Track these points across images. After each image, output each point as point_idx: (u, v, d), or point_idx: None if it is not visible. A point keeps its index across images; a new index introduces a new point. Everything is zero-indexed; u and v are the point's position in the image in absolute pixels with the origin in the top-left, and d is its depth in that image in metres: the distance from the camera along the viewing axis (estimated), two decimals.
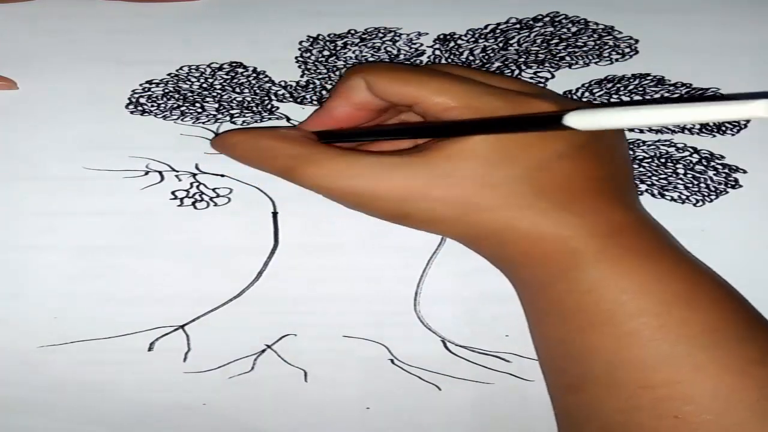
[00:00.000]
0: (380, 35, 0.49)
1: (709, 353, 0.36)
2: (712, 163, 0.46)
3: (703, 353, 0.36)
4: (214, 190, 0.46)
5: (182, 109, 0.47)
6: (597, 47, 0.49)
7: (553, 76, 0.48)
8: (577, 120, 0.31)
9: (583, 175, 0.38)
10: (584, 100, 0.47)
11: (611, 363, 0.37)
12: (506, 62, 0.48)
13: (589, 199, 0.38)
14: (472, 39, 0.49)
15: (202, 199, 0.46)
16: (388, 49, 0.49)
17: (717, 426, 0.36)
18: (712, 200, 0.45)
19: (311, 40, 0.49)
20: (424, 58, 0.49)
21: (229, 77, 0.48)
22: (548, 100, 0.38)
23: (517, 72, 0.48)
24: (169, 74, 0.48)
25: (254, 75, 0.48)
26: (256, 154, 0.41)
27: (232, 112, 0.47)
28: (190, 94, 0.48)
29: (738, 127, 0.46)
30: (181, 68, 0.48)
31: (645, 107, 0.29)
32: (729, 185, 0.46)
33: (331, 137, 0.42)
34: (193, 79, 0.48)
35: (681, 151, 0.46)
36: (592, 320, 0.38)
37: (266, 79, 0.48)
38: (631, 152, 0.46)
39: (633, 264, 0.37)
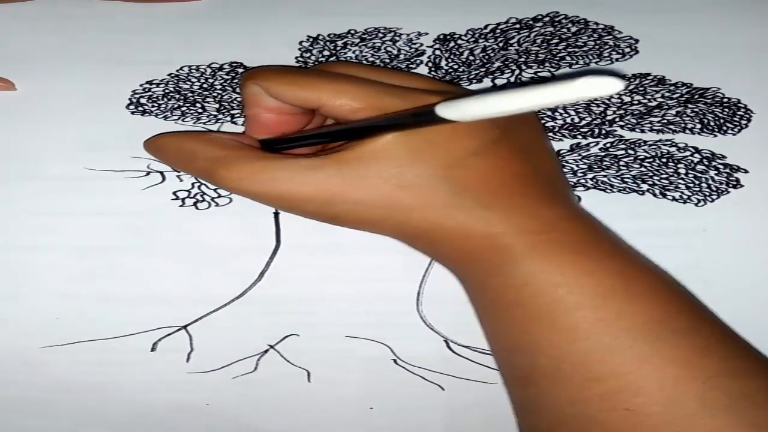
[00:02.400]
0: (380, 35, 0.49)
1: (652, 345, 0.37)
2: (714, 163, 0.46)
3: (646, 345, 0.37)
4: (215, 190, 0.46)
5: (183, 109, 0.47)
6: (597, 47, 0.49)
7: (553, 76, 0.48)
8: (446, 111, 0.31)
9: (502, 171, 0.38)
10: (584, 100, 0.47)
11: (556, 356, 0.38)
12: (506, 62, 0.48)
13: (514, 196, 0.38)
14: (472, 39, 0.49)
15: (204, 200, 0.46)
16: (388, 49, 0.49)
17: (667, 417, 0.36)
18: (713, 200, 0.46)
19: (311, 40, 0.49)
20: (424, 58, 0.49)
21: (229, 77, 0.48)
22: (448, 97, 0.38)
23: (517, 72, 0.48)
24: (169, 74, 0.48)
25: None
26: (178, 156, 0.41)
27: (232, 112, 0.47)
28: (190, 94, 0.48)
29: (739, 127, 0.47)
30: (181, 68, 0.48)
31: (494, 94, 0.30)
32: (730, 185, 0.46)
33: (278, 143, 0.42)
34: (194, 80, 0.48)
35: (682, 150, 0.46)
36: (532, 314, 0.38)
37: None
38: (632, 152, 0.46)
39: (565, 259, 0.38)
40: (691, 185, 0.46)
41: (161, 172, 0.46)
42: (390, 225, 0.39)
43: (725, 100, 0.47)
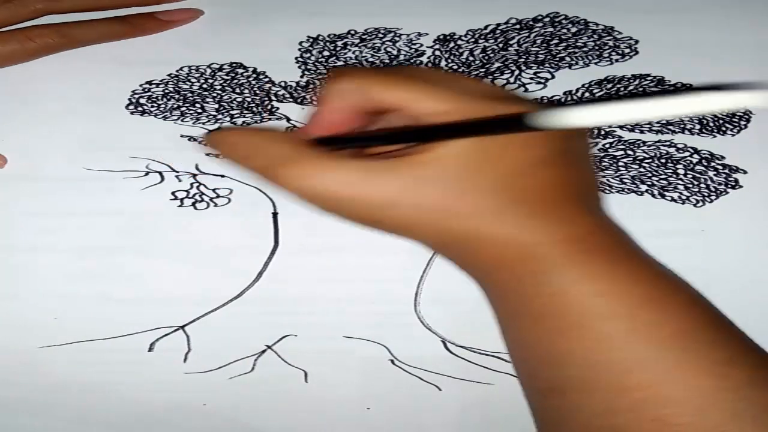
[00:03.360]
0: (380, 35, 0.49)
1: (681, 356, 0.36)
2: (713, 164, 0.46)
3: (675, 356, 0.36)
4: (214, 190, 0.46)
5: (182, 109, 0.47)
6: (597, 47, 0.49)
7: (553, 77, 0.48)
8: (549, 119, 0.31)
9: (558, 181, 0.38)
10: (584, 100, 0.47)
11: (585, 366, 0.37)
12: (506, 62, 0.48)
13: (561, 206, 0.38)
14: (472, 39, 0.49)
15: (203, 200, 0.46)
16: (388, 49, 0.49)
17: (695, 427, 0.36)
18: (712, 200, 0.45)
19: (311, 40, 0.49)
20: (424, 59, 0.49)
21: (229, 78, 0.48)
22: (526, 104, 0.37)
23: (517, 72, 0.48)
24: (169, 75, 0.48)
25: (254, 75, 0.48)
26: (240, 151, 0.40)
27: (232, 112, 0.47)
28: (190, 94, 0.48)
29: (738, 128, 0.46)
30: (181, 69, 0.48)
31: (609, 105, 0.29)
32: (729, 185, 0.46)
33: (333, 143, 0.42)
34: (193, 80, 0.48)
35: (681, 151, 0.46)
36: (562, 324, 0.37)
37: (266, 79, 0.48)
38: (631, 152, 0.46)
39: (599, 268, 0.37)
40: (690, 186, 0.46)
41: (160, 173, 0.46)
42: (432, 231, 0.38)
43: None
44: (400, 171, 0.37)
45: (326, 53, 0.49)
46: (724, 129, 0.46)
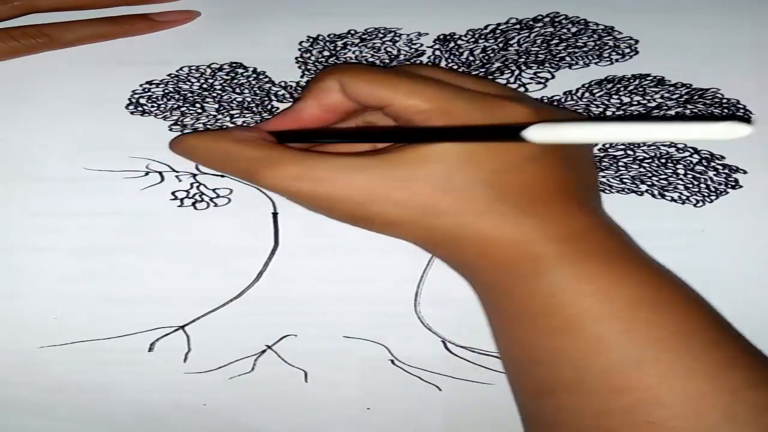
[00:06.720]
0: (380, 35, 0.49)
1: (678, 357, 0.36)
2: (713, 164, 0.46)
3: (672, 357, 0.36)
4: (214, 190, 0.46)
5: (182, 109, 0.47)
6: (597, 47, 0.49)
7: (553, 77, 0.48)
8: (538, 134, 0.30)
9: (547, 179, 0.38)
10: (584, 100, 0.47)
11: (579, 368, 0.37)
12: (506, 62, 0.48)
13: (550, 204, 0.38)
14: (472, 39, 0.49)
15: (203, 200, 0.46)
16: (388, 49, 0.49)
17: (691, 431, 0.36)
18: (712, 201, 0.45)
19: (311, 40, 0.49)
20: (424, 59, 0.49)
21: (229, 78, 0.48)
22: (522, 104, 0.37)
23: (517, 72, 0.48)
24: (169, 75, 0.48)
25: (254, 75, 0.48)
26: (216, 157, 0.40)
27: (232, 112, 0.47)
28: (190, 94, 0.48)
29: None
30: (181, 69, 0.48)
31: (604, 124, 0.29)
32: (729, 186, 0.46)
33: (287, 138, 0.41)
34: (193, 80, 0.48)
35: (681, 151, 0.46)
36: (557, 325, 0.37)
37: (266, 79, 0.48)
38: (631, 152, 0.46)
39: (595, 269, 0.37)
40: (690, 186, 0.46)
41: (160, 173, 0.46)
42: (420, 229, 0.38)
43: (724, 100, 0.47)
44: (384, 168, 0.37)
45: (326, 53, 0.49)
46: None
